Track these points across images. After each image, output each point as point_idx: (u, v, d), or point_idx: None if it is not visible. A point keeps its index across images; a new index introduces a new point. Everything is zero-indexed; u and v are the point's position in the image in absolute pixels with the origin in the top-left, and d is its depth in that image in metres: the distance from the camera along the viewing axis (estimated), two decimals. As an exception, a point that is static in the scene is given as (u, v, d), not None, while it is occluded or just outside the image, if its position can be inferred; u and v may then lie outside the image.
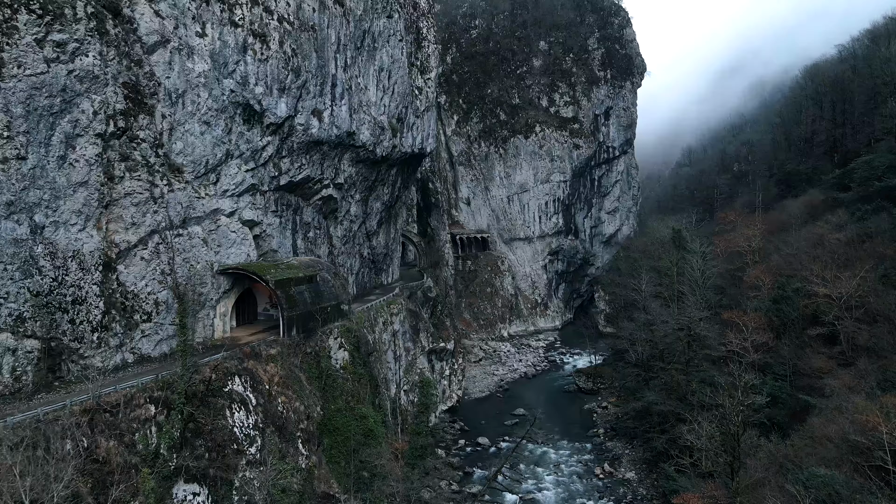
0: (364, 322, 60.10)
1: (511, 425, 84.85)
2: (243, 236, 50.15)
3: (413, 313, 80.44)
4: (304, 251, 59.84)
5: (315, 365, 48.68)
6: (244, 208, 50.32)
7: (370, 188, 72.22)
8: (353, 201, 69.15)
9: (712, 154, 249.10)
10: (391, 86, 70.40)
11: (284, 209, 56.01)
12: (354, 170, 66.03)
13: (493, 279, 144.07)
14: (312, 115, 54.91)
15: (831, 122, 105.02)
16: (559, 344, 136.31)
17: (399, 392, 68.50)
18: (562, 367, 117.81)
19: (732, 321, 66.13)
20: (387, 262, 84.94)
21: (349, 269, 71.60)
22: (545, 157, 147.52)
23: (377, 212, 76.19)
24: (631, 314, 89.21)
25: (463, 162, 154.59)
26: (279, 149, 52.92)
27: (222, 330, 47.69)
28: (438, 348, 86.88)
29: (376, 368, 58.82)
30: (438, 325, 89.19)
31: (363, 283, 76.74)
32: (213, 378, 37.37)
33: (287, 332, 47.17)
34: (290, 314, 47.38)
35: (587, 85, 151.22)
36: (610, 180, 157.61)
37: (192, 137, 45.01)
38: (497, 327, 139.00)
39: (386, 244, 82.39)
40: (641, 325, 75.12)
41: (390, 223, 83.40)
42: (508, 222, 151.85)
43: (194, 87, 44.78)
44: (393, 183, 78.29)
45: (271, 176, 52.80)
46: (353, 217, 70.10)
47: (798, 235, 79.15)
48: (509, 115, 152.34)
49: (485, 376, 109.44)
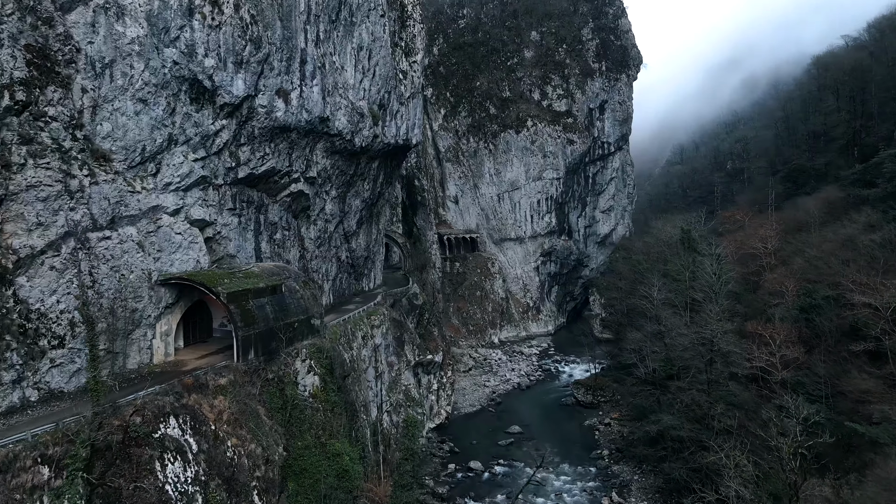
0: (340, 338, 51.85)
1: (506, 445, 76.94)
2: (191, 239, 41.71)
3: (397, 323, 72.31)
4: (269, 255, 51.48)
5: (278, 394, 40.39)
6: (193, 205, 41.88)
7: (348, 183, 63.92)
8: (329, 198, 60.82)
9: (705, 152, 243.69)
10: (372, 67, 62.16)
11: (245, 207, 47.61)
12: (329, 162, 57.72)
13: (483, 282, 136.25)
14: (277, 95, 46.53)
15: (849, 113, 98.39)
16: (553, 350, 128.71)
17: (381, 415, 60.36)
18: (557, 376, 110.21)
19: (756, 333, 58.83)
20: (368, 265, 76.71)
21: (325, 275, 63.29)
22: (537, 152, 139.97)
23: (356, 210, 67.92)
24: (635, 322, 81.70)
25: (451, 158, 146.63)
26: (237, 135, 44.52)
27: (164, 353, 39.23)
28: (425, 361, 78.83)
29: (354, 392, 50.62)
30: (425, 336, 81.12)
31: (341, 290, 68.45)
32: (136, 422, 29.01)
33: (242, 356, 38.81)
34: (246, 333, 39.04)
35: (581, 77, 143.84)
36: (605, 178, 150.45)
37: (124, 118, 36.55)
38: (487, 333, 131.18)
39: (367, 246, 74.15)
40: (651, 335, 67.53)
41: (372, 223, 75.18)
42: (499, 222, 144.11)
43: (126, 55, 36.31)
44: (374, 178, 70.04)
45: (227, 167, 44.39)
46: (329, 216, 61.79)
47: (820, 236, 72.07)
48: (499, 109, 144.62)
49: (475, 388, 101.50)
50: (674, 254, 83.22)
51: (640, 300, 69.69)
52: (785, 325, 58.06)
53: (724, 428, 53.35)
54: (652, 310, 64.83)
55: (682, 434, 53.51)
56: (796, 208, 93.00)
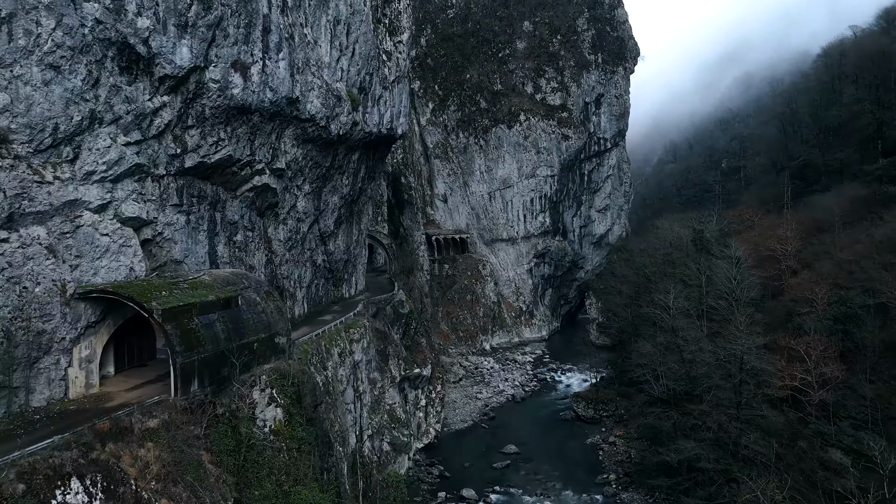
0: (312, 357, 44.20)
1: (501, 468, 69.49)
2: (123, 241, 33.85)
3: (381, 335, 64.71)
4: (228, 261, 43.70)
5: (229, 433, 32.63)
6: (125, 200, 34.01)
7: (324, 177, 56.21)
8: (301, 194, 53.08)
9: (700, 150, 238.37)
10: (350, 44, 54.47)
11: (195, 203, 39.80)
12: (301, 152, 49.98)
13: (474, 285, 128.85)
14: (233, 69, 38.76)
15: (872, 103, 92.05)
16: (548, 358, 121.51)
17: (362, 441, 52.75)
18: (554, 386, 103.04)
19: (786, 347, 51.93)
20: (348, 270, 69.03)
21: (297, 282, 55.52)
22: (531, 148, 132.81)
23: (334, 208, 60.23)
24: (643, 331, 74.65)
25: (439, 154, 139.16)
26: (183, 115, 36.70)
27: (84, 384, 31.34)
28: (412, 375, 71.27)
29: (328, 421, 42.98)
30: (413, 347, 73.54)
31: (317, 298, 60.74)
32: (19, 493, 21.21)
33: (182, 388, 30.99)
34: (188, 359, 31.24)
35: (576, 70, 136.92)
36: (601, 175, 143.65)
37: (28, 88, 28.67)
38: (478, 339, 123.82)
39: (347, 248, 66.47)
40: (663, 348, 60.42)
41: (352, 223, 67.54)
42: (490, 221, 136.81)
43: (29, 9, 28.45)
44: (355, 172, 62.37)
45: (171, 154, 36.55)
46: (302, 214, 54.05)
47: (849, 237, 65.42)
48: (490, 103, 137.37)
49: (466, 401, 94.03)
50: (683, 256, 76.37)
51: (652, 308, 62.53)
52: (821, 338, 51.10)
53: (753, 457, 46.39)
54: (667, 319, 57.70)
55: (710, 466, 46.39)
56: (810, 207, 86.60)
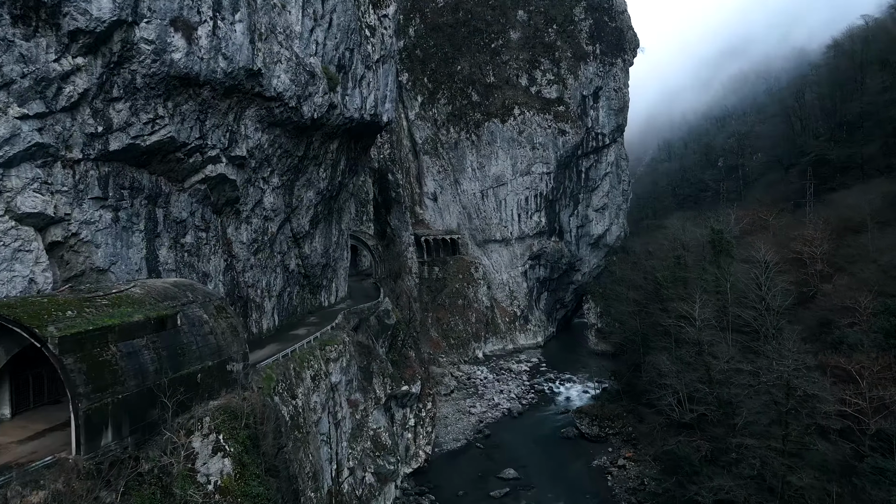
0: (277, 385, 36.37)
1: (500, 497, 61.98)
2: (19, 245, 25.94)
3: (363, 349, 56.95)
4: (174, 267, 35.75)
5: (157, 499, 24.78)
6: (21, 191, 26.07)
7: (297, 169, 48.34)
8: (269, 188, 45.20)
9: (696, 148, 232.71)
10: (327, 13, 46.63)
11: (128, 196, 31.81)
12: (267, 137, 42.11)
13: (466, 289, 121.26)
14: (173, 28, 30.85)
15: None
16: (545, 366, 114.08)
17: (340, 478, 45.01)
18: (553, 399, 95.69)
19: (834, 366, 44.85)
20: (328, 275, 61.20)
21: (265, 291, 47.60)
22: (525, 144, 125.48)
23: (310, 205, 52.38)
24: (654, 341, 67.50)
25: (429, 151, 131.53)
26: (105, 83, 28.77)
27: (-43, 437, 23.38)
28: (400, 393, 63.58)
29: (296, 463, 35.20)
30: (400, 362, 65.80)
31: (291, 308, 52.87)
32: None
33: (88, 442, 22.97)
34: (96, 403, 23.32)
35: (573, 61, 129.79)
36: (598, 173, 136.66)
37: None
38: (470, 347, 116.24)
39: (326, 251, 58.64)
40: (686, 364, 53.11)
41: (332, 222, 59.75)
42: (482, 221, 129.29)
43: None
44: (334, 164, 54.56)
45: (89, 133, 28.60)
46: (270, 212, 46.15)
47: (887, 238, 58.60)
48: (483, 96, 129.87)
49: (459, 416, 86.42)
50: (699, 259, 69.29)
51: (668, 317, 55.27)
52: (875, 355, 44.04)
53: (803, 498, 39.19)
54: (691, 332, 50.39)
55: (751, 509, 39.08)
56: (831, 205, 79.92)
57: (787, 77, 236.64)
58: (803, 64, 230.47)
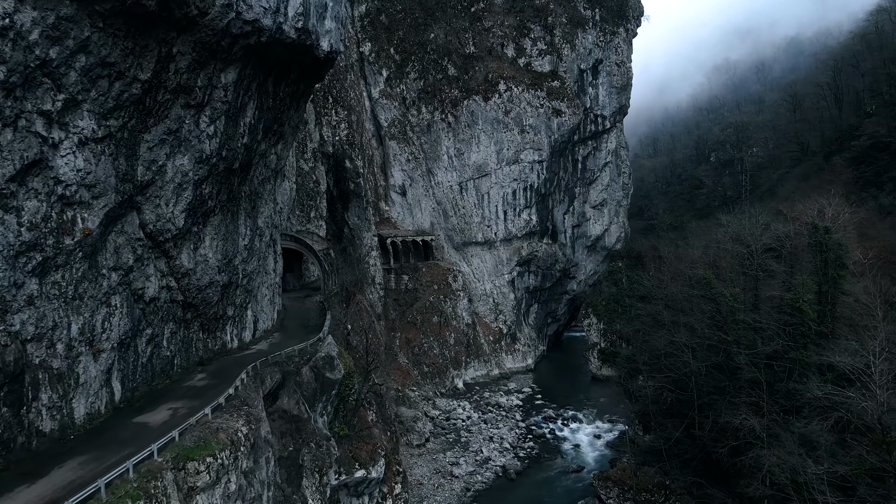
0: None
1: None
2: None
3: (289, 426, 33.93)
4: None
5: None
6: None
7: (141, 108, 25.17)
8: (71, 137, 21.95)
9: (685, 142, 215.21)
10: None
11: None
12: (47, 19, 18.94)
13: (442, 303, 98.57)
14: None
15: None
16: (540, 398, 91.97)
17: None
18: (558, 447, 73.61)
19: None
20: (235, 299, 38.00)
21: (75, 347, 24.23)
22: (513, 126, 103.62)
23: (184, 181, 29.21)
24: (719, 384, 46.31)
25: (395, 135, 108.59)
26: None
27: None
28: (353, 481, 40.74)
29: None
30: (353, 434, 42.69)
31: (157, 365, 29.55)
32: None
33: None
34: None
35: (570, 28, 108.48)
36: (597, 163, 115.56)
37: None
38: (448, 375, 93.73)
39: (226, 262, 35.41)
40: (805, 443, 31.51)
41: (238, 214, 36.57)
42: (461, 220, 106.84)
43: None
44: (232, 111, 31.40)
45: None
46: (77, 187, 22.88)
47: None
48: (461, 70, 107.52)
49: (438, 481, 63.79)
50: (786, 267, 48.27)
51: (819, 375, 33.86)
52: None
53: None
54: (872, 408, 28.99)
55: None
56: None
57: (780, 67, 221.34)
58: (796, 52, 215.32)
